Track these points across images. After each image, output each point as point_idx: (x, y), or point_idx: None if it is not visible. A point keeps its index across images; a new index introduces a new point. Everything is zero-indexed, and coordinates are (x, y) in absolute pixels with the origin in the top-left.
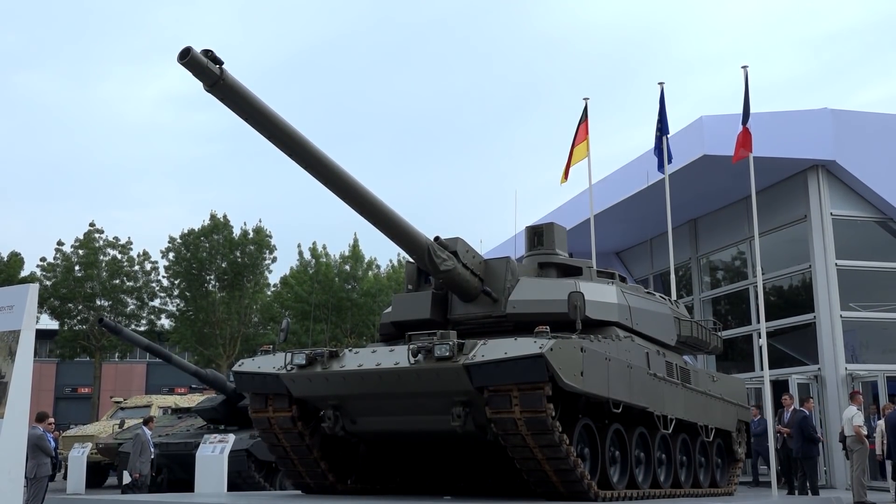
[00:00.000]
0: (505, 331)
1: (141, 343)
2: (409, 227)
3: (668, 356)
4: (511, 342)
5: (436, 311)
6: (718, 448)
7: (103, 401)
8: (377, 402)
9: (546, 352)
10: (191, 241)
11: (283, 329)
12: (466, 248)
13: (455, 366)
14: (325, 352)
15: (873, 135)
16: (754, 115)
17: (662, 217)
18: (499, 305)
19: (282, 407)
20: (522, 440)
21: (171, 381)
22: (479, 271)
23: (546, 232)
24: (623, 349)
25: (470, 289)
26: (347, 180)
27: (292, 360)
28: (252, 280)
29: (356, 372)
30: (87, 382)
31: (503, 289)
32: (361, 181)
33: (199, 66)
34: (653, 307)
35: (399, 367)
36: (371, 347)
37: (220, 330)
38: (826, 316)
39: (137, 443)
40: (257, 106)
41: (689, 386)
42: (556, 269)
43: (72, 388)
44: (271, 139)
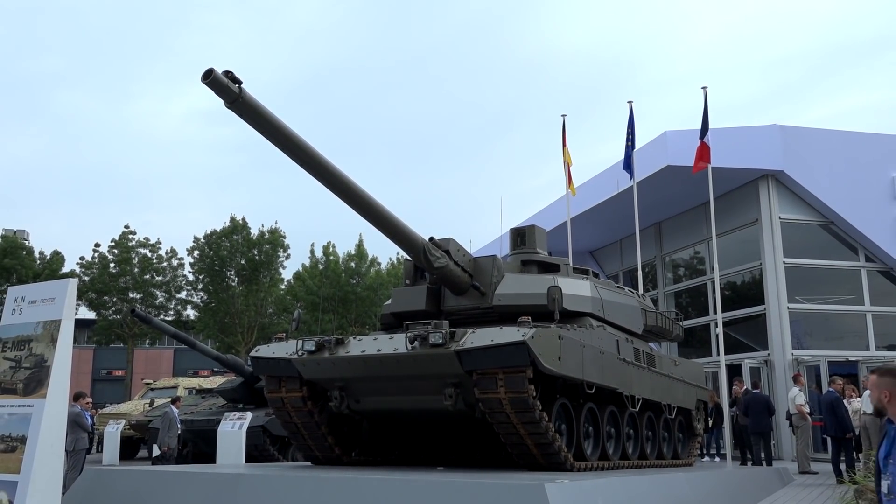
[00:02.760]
0: (492, 321)
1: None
2: (407, 228)
3: (636, 343)
4: (497, 331)
5: (430, 303)
6: (680, 424)
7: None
8: (378, 383)
9: (528, 339)
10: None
11: (295, 319)
12: (458, 247)
13: (447, 352)
14: (332, 339)
15: (818, 148)
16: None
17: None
18: (486, 298)
19: (294, 388)
20: (507, 418)
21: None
22: (469, 268)
23: (528, 233)
24: (596, 337)
25: (461, 283)
26: (352, 187)
27: (303, 347)
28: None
29: (360, 357)
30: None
31: (490, 283)
32: (364, 187)
33: (221, 85)
34: (622, 300)
35: (398, 353)
36: (373, 335)
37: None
38: (775, 307)
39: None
40: (272, 121)
41: (654, 369)
42: (537, 266)
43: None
44: (285, 150)
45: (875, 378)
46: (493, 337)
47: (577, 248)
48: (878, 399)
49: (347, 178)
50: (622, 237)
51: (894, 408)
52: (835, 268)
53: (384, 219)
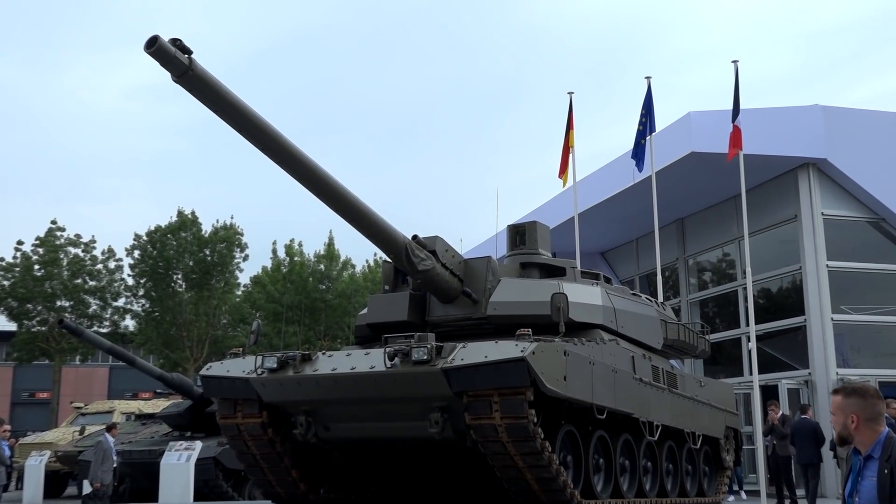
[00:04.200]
0: (485, 333)
1: (103, 345)
2: (386, 224)
3: (655, 360)
4: (492, 345)
5: (413, 313)
6: (706, 456)
7: (63, 406)
8: (352, 407)
9: (528, 355)
10: (157, 239)
11: (253, 331)
12: (446, 247)
13: (433, 370)
14: (298, 355)
15: (866, 132)
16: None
17: (649, 216)
18: (479, 307)
19: (251, 413)
20: (503, 447)
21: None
22: (459, 271)
23: (529, 231)
24: (608, 353)
25: (449, 290)
26: (322, 176)
27: (263, 364)
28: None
29: (330, 376)
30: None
31: (484, 290)
32: (337, 177)
33: (167, 55)
34: (639, 309)
35: (375, 372)
36: (346, 350)
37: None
38: (817, 319)
39: (99, 450)
40: (227, 98)
41: (675, 391)
42: (539, 269)
43: (29, 392)
44: (242, 133)
45: (839, 399)
46: (486, 352)
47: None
48: (842, 425)
49: (315, 165)
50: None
51: (862, 435)
52: (886, 272)
53: (359, 213)
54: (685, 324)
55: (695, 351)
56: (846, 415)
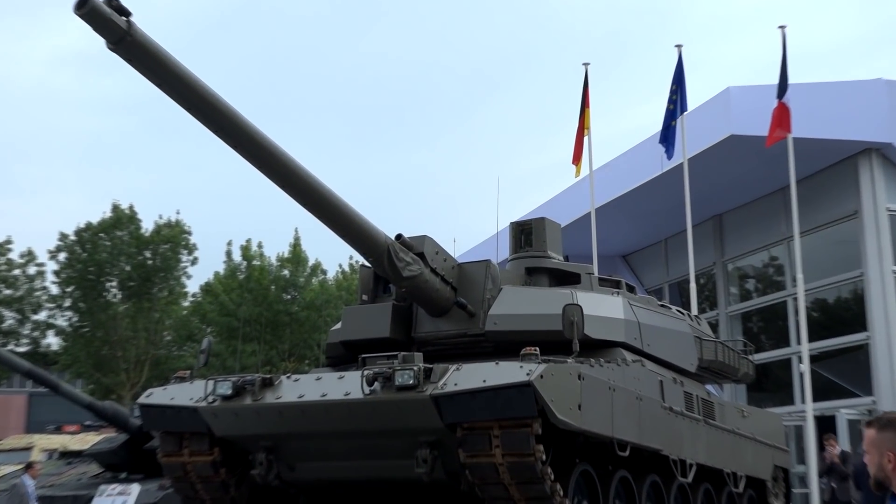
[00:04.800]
0: (484, 353)
1: (21, 367)
2: (365, 222)
3: (688, 385)
4: (491, 367)
5: (397, 328)
6: (750, 500)
7: None
8: (322, 443)
9: (535, 379)
10: (88, 239)
11: (203, 350)
12: (436, 248)
13: (421, 397)
14: (257, 379)
15: None
16: (793, 87)
17: (680, 212)
18: (476, 321)
19: (201, 449)
20: (505, 491)
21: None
22: (452, 278)
23: (536, 229)
24: (631, 376)
25: (440, 300)
26: (287, 163)
27: (215, 390)
28: (165, 288)
29: (296, 405)
30: None
31: (482, 300)
32: (305, 165)
33: (101, 18)
34: (668, 324)
35: (350, 399)
36: (315, 374)
37: (122, 351)
38: (882, 336)
39: (15, 495)
40: (173, 69)
41: (713, 423)
42: (548, 275)
43: None
44: (192, 111)
45: (872, 434)
46: (485, 376)
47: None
48: (878, 466)
49: (279, 150)
50: (667, 236)
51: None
52: None
53: (332, 208)
54: (724, 341)
55: (736, 374)
56: (881, 452)
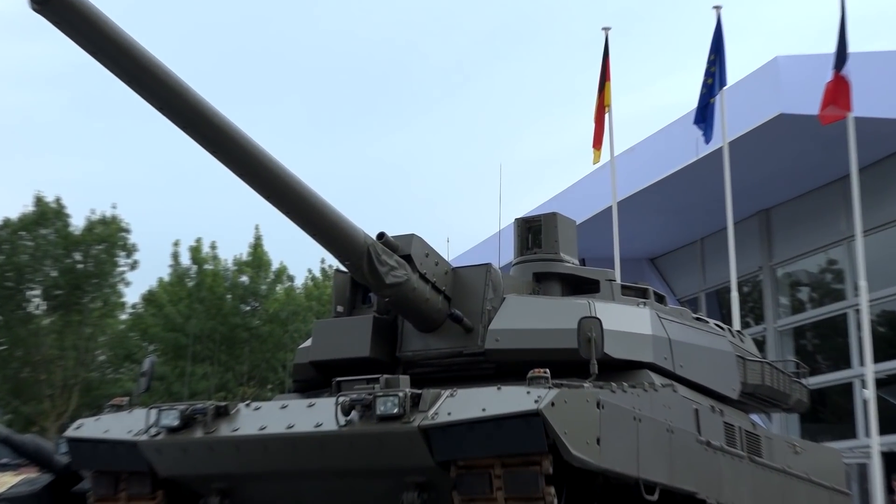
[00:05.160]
0: (483, 376)
1: None
2: (340, 218)
3: (729, 415)
4: (492, 393)
5: (379, 346)
6: None
7: None
8: (288, 485)
9: (545, 407)
10: (5, 238)
11: (144, 372)
12: (426, 250)
13: (407, 429)
14: (210, 408)
15: None
16: (854, 57)
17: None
18: (474, 337)
19: (141, 492)
20: None
21: None
22: (445, 285)
23: (546, 227)
24: (660, 404)
25: (430, 312)
26: (247, 147)
27: (159, 421)
28: (98, 297)
29: (257, 439)
30: None
31: (481, 312)
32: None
33: None
34: (705, 341)
35: (322, 432)
36: (280, 401)
37: (46, 374)
38: None
39: None
40: (109, 33)
41: (759, 460)
42: (561, 282)
43: None
44: (133, 84)
45: None
46: (484, 403)
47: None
48: None
49: (239, 133)
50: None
51: None
52: None
53: (301, 200)
54: (773, 362)
55: (787, 401)
56: None
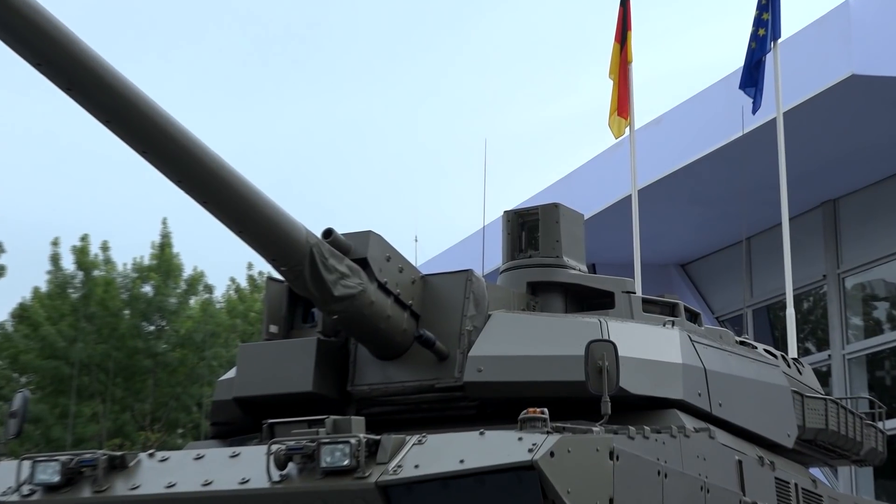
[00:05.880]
0: (461, 417)
1: None
2: (275, 210)
3: (782, 468)
4: (473, 439)
5: (324, 378)
6: None
7: None
8: None
9: (541, 459)
10: None
11: (14, 412)
12: (387, 252)
13: (361, 486)
14: (101, 458)
15: None
16: None
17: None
18: (449, 367)
19: None
20: None
21: None
22: (412, 298)
23: (544, 222)
24: (693, 454)
25: (393, 333)
26: (147, 112)
27: (34, 476)
28: None
29: (163, 499)
30: None
31: (459, 333)
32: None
33: None
34: (752, 372)
35: (250, 491)
36: (194, 450)
37: None
38: None
39: None
40: None
41: None
42: (564, 294)
43: None
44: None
45: None
46: (463, 453)
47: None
48: None
49: (135, 91)
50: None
51: None
52: None
53: (222, 185)
54: (840, 400)
55: (858, 451)
56: None
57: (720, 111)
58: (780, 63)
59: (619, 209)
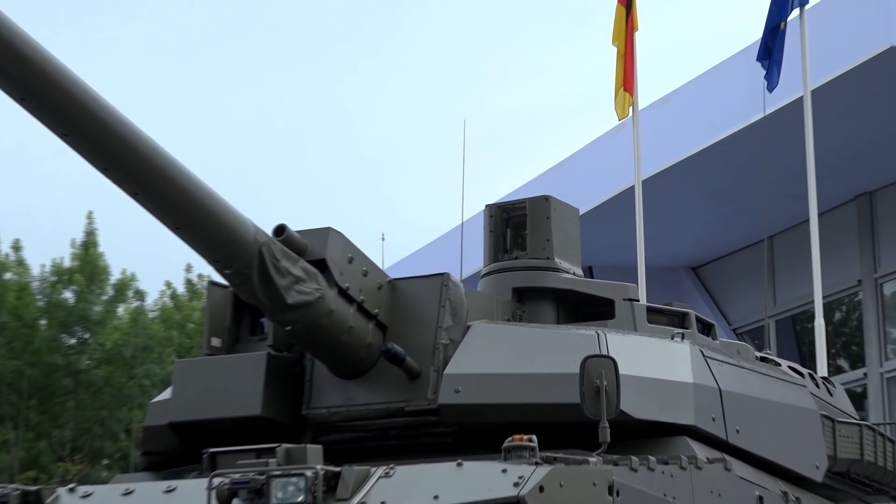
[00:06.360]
0: (436, 445)
1: None
2: (218, 202)
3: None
4: (449, 471)
5: (275, 401)
6: None
7: None
8: None
9: (528, 494)
10: None
11: None
12: (349, 252)
13: None
14: (13, 494)
15: None
16: None
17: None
18: (421, 386)
19: None
20: None
21: None
22: (378, 307)
23: (533, 218)
24: (706, 488)
25: (355, 347)
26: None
27: None
28: None
29: None
30: None
31: (433, 348)
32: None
33: None
34: (775, 394)
35: None
36: (122, 483)
37: None
38: None
39: None
40: None
41: None
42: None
43: None
44: None
45: None
46: (437, 488)
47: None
48: None
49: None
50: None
51: None
52: None
53: (155, 172)
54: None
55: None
56: None
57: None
58: (808, 33)
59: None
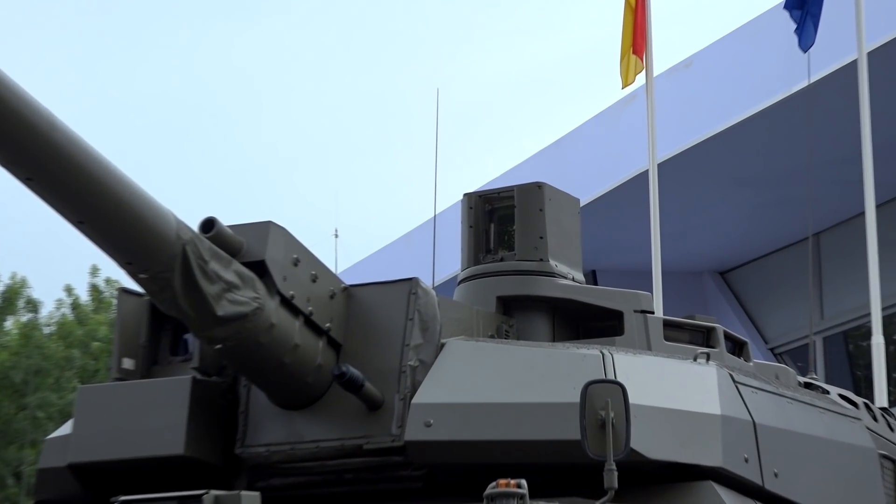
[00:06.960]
0: (402, 491)
1: None
2: (133, 191)
3: None
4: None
5: (201, 436)
6: None
7: None
8: None
9: None
10: None
11: None
12: (294, 251)
13: None
14: None
15: None
16: None
17: (850, 174)
18: (384, 419)
19: None
20: None
21: None
22: (331, 320)
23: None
24: None
25: (302, 370)
26: None
27: None
28: None
29: None
30: None
31: (398, 371)
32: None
33: None
34: (822, 429)
35: None
36: None
37: None
38: None
39: None
40: None
41: None
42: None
43: None
44: None
45: None
46: None
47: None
48: None
49: None
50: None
51: None
52: None
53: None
54: None
55: None
56: None
57: (778, 51)
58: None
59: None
